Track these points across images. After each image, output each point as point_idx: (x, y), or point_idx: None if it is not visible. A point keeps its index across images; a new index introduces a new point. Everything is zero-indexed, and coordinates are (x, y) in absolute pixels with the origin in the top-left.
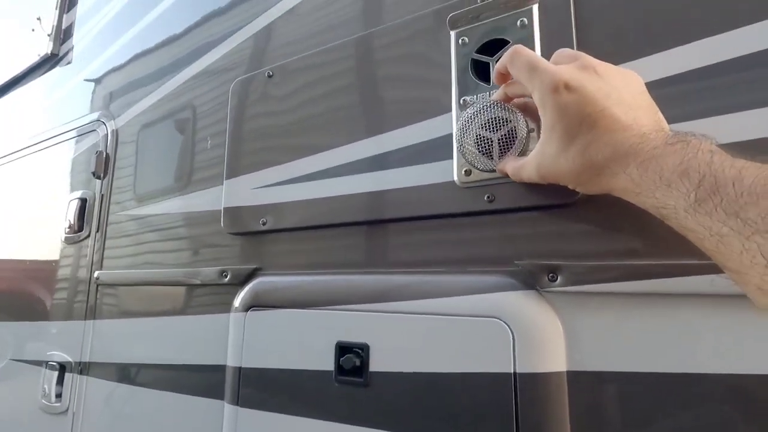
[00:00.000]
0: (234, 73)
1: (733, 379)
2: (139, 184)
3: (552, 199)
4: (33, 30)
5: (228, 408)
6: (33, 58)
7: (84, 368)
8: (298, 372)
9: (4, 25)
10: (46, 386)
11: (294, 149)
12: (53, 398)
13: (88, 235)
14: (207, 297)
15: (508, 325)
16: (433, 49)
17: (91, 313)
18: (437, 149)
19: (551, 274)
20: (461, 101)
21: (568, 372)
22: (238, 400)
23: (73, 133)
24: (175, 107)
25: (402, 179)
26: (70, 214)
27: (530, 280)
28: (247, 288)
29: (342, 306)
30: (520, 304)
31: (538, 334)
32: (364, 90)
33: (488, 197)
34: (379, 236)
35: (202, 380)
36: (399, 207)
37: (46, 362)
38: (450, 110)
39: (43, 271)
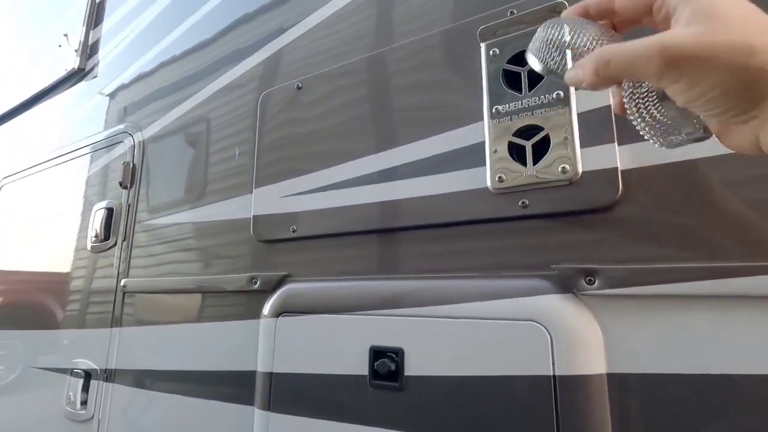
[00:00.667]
0: (262, 85)
1: None
2: (165, 194)
3: (588, 204)
4: (60, 46)
5: (259, 413)
6: (60, 73)
7: (110, 375)
8: (331, 377)
9: (33, 42)
10: (71, 393)
11: (324, 158)
12: (78, 405)
13: (115, 244)
14: (236, 304)
15: (545, 328)
16: (464, 60)
17: (117, 320)
18: (470, 157)
19: (589, 278)
20: (493, 110)
21: (608, 374)
22: (270, 406)
23: (100, 145)
24: (201, 119)
25: (435, 186)
26: (97, 224)
27: (567, 284)
28: (277, 294)
29: (375, 311)
30: (558, 307)
31: (576, 336)
32: (395, 100)
33: (522, 203)
34: (412, 242)
35: (230, 386)
36: (432, 213)
37: (71, 370)
38: (482, 119)
39: (68, 280)
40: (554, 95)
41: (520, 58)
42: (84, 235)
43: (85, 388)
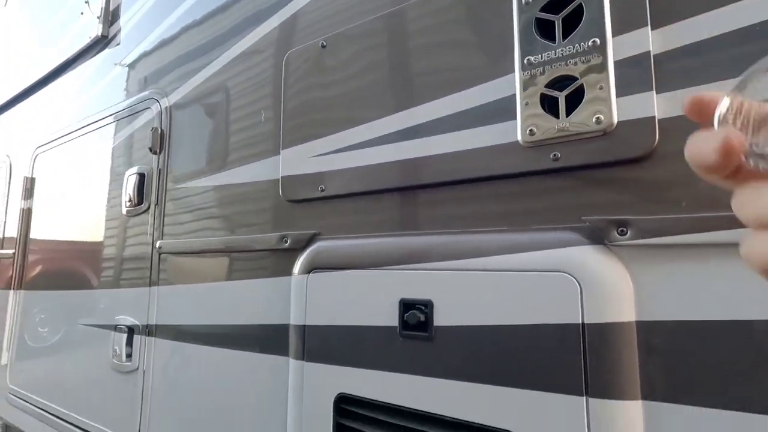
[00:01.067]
0: (286, 45)
1: None
2: (194, 158)
3: (622, 154)
4: (82, 13)
5: (293, 363)
6: (84, 41)
7: (151, 330)
8: (362, 328)
9: (58, 11)
10: (116, 347)
11: (351, 117)
12: (124, 358)
13: (148, 208)
14: (267, 262)
15: (575, 279)
16: (494, 10)
17: (155, 280)
18: (500, 111)
19: (621, 229)
20: (525, 61)
21: (637, 322)
22: (304, 355)
23: (128, 112)
24: (225, 82)
25: (463, 142)
26: (130, 189)
27: (598, 235)
28: (307, 252)
29: (404, 266)
30: (588, 258)
31: (606, 286)
32: (422, 55)
33: (554, 156)
34: (441, 198)
35: (265, 339)
36: (461, 169)
37: (115, 326)
38: (512, 71)
39: (107, 243)
40: (590, 43)
41: (553, 6)
42: (119, 200)
43: (129, 343)
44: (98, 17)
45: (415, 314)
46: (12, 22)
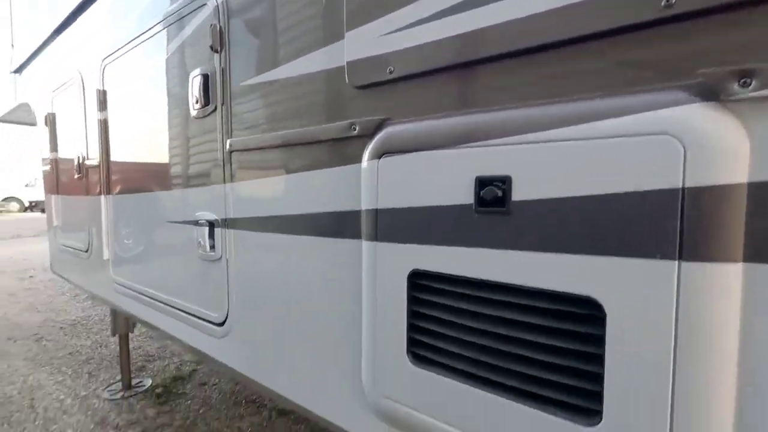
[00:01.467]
0: None
1: None
2: (257, 53)
3: None
4: None
5: (366, 244)
6: None
7: (229, 223)
8: (435, 208)
9: None
10: (201, 240)
11: None
12: (208, 249)
13: (215, 108)
14: (336, 151)
15: (679, 140)
16: None
17: (229, 177)
18: None
19: (744, 80)
20: None
21: (749, 183)
22: (377, 236)
23: (185, 11)
24: None
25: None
26: (195, 90)
27: (712, 90)
28: (377, 137)
29: (479, 143)
30: (695, 116)
31: (715, 145)
32: None
33: (666, 2)
34: (524, 67)
35: (336, 224)
36: (547, 31)
37: (197, 221)
38: None
39: (181, 145)
40: None
41: None
42: (187, 103)
43: (211, 235)
44: None
45: (492, 190)
46: None
